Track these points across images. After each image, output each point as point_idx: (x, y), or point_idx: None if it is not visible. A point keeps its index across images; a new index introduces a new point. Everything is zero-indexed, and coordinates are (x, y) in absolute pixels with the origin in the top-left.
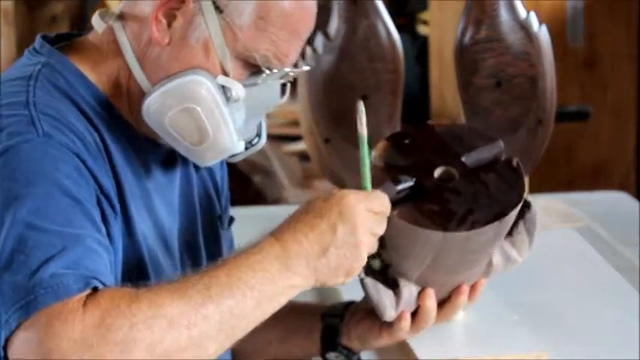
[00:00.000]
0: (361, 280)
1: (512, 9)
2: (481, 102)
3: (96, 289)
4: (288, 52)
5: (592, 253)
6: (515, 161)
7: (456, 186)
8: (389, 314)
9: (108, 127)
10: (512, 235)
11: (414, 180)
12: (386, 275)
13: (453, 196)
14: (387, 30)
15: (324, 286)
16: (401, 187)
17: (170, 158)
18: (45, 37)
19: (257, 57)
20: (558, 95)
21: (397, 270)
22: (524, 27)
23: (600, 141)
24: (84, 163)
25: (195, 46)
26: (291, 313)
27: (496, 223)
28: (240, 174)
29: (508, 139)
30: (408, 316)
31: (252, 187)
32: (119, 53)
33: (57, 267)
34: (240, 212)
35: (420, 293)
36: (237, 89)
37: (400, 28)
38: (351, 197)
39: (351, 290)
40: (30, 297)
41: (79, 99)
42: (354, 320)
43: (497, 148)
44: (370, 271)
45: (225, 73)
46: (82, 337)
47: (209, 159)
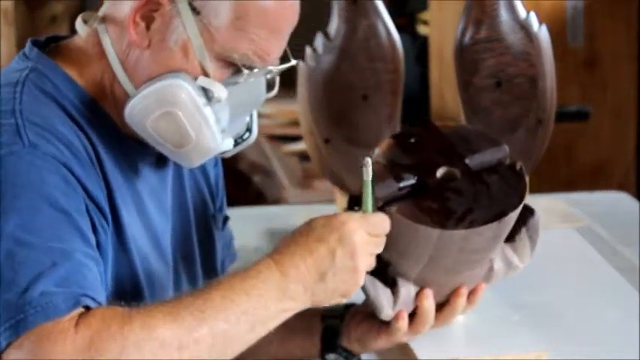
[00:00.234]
0: None
1: (512, 9)
2: (481, 102)
3: (88, 308)
4: (269, 50)
5: (592, 253)
6: (518, 165)
7: (457, 186)
8: (386, 312)
9: (96, 130)
10: (514, 240)
11: (416, 178)
12: (385, 274)
13: (453, 195)
14: (387, 30)
15: (319, 306)
16: (402, 184)
17: (161, 158)
18: (35, 42)
19: (237, 57)
20: (558, 95)
21: (396, 269)
22: (524, 27)
23: (600, 141)
24: (71, 171)
25: (174, 49)
26: None
27: (495, 224)
28: (240, 174)
29: (508, 139)
30: (405, 315)
31: (252, 187)
32: (103, 56)
33: (47, 285)
34: (240, 212)
35: (418, 294)
36: (219, 90)
37: (400, 28)
38: (351, 222)
39: None
40: (20, 316)
41: (67, 103)
42: (353, 322)
43: (502, 152)
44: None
45: (205, 74)
46: (72, 359)
47: (194, 160)
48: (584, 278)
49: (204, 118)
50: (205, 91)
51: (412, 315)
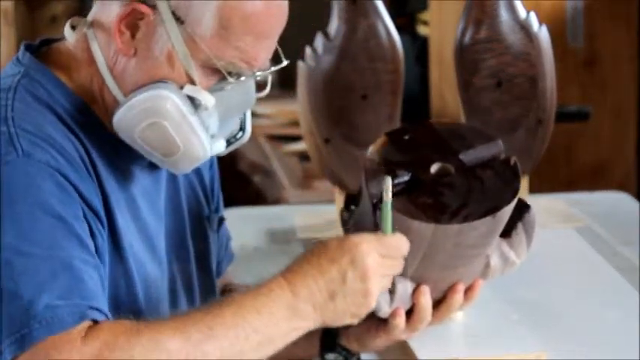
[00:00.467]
0: None
1: (512, 9)
2: (481, 102)
3: (95, 322)
4: (256, 56)
5: (592, 253)
6: (512, 160)
7: (452, 181)
8: (383, 310)
9: (89, 135)
10: (510, 236)
11: (410, 175)
12: None
13: (447, 191)
14: (387, 30)
15: (329, 326)
16: (397, 181)
17: None
18: (28, 46)
19: (223, 64)
20: (558, 95)
21: None
22: (524, 27)
23: (600, 141)
24: (66, 178)
25: (159, 58)
26: None
27: (489, 218)
28: (240, 174)
29: (508, 139)
30: (402, 312)
31: (252, 187)
32: (93, 61)
33: (50, 297)
34: (240, 212)
35: (414, 290)
36: (206, 99)
37: (400, 28)
38: (364, 244)
39: None
40: (24, 330)
41: (59, 108)
42: None
43: (496, 148)
44: None
45: (192, 82)
46: None
47: (183, 168)
48: (584, 278)
49: (191, 127)
50: (192, 99)
51: (410, 312)
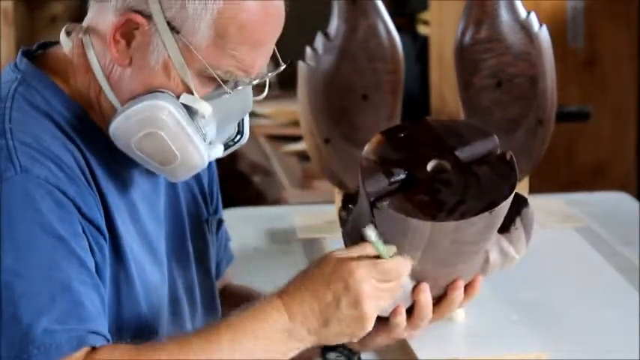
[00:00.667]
0: None
1: (512, 9)
2: (481, 102)
3: (93, 348)
4: (253, 64)
5: (592, 253)
6: (508, 154)
7: (448, 177)
8: (383, 308)
9: (87, 142)
10: (509, 231)
11: (407, 172)
12: None
13: (443, 187)
14: (387, 30)
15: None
16: (393, 179)
17: None
18: (26, 52)
19: (220, 73)
20: (558, 95)
21: None
22: (524, 27)
23: (600, 141)
24: (64, 193)
25: (155, 67)
26: None
27: (486, 214)
28: (240, 174)
29: (508, 139)
30: (402, 310)
31: (252, 187)
32: (89, 68)
33: (49, 321)
34: (240, 212)
35: (414, 288)
36: (203, 107)
37: (400, 28)
38: (359, 271)
39: None
40: (23, 356)
41: (57, 115)
42: None
43: (491, 143)
44: None
45: (188, 90)
46: None
47: (181, 176)
48: (584, 278)
49: (188, 136)
50: (189, 108)
51: (410, 310)
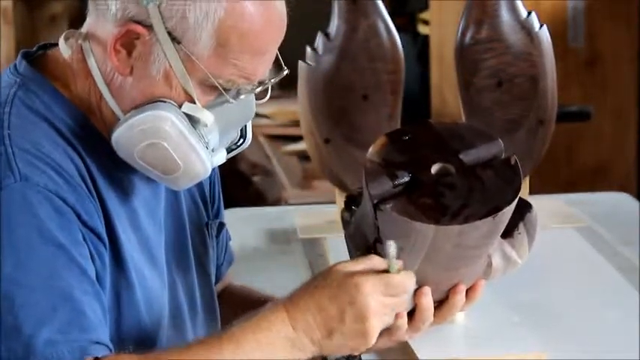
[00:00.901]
0: None
1: (512, 9)
2: (482, 102)
3: (96, 358)
4: (255, 72)
5: (592, 253)
6: (513, 159)
7: (452, 181)
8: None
9: (88, 147)
10: (512, 236)
11: (410, 175)
12: None
13: (448, 191)
14: (388, 30)
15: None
16: (397, 182)
17: None
18: (26, 54)
19: (222, 82)
20: (559, 95)
21: None
22: (524, 27)
23: (601, 141)
24: (64, 200)
25: (156, 77)
26: None
27: (490, 219)
28: (240, 174)
29: (509, 140)
30: (404, 313)
31: (252, 187)
32: (89, 75)
33: (50, 332)
34: (240, 212)
35: (416, 291)
36: (205, 116)
37: (400, 28)
38: (365, 285)
39: None
40: None
41: (57, 120)
42: None
43: (496, 147)
44: None
45: (190, 99)
46: None
47: (183, 185)
48: (585, 278)
49: (190, 146)
50: (191, 117)
51: (411, 313)
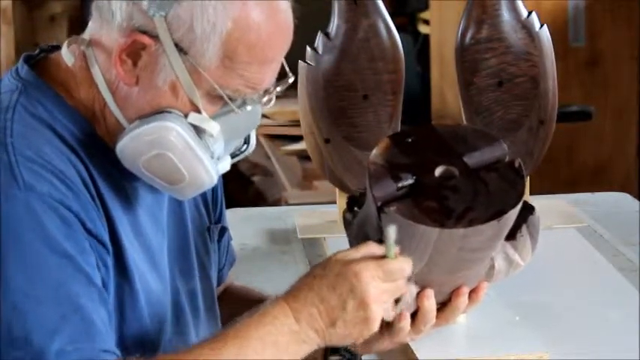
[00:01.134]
0: None
1: (513, 9)
2: (482, 102)
3: None
4: (261, 81)
5: (593, 253)
6: (517, 162)
7: (456, 184)
8: (388, 313)
9: (91, 154)
10: (515, 238)
11: (414, 178)
12: None
13: (452, 194)
14: (388, 30)
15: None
16: (401, 184)
17: None
18: (28, 58)
19: (229, 93)
20: (560, 95)
21: None
22: (525, 27)
23: (602, 141)
24: (69, 209)
25: (162, 87)
26: None
27: (494, 222)
28: (240, 174)
29: (509, 140)
30: (407, 315)
31: (252, 188)
32: (93, 82)
33: (60, 343)
34: (240, 212)
35: (419, 294)
36: (211, 127)
37: (400, 28)
38: (364, 273)
39: None
40: None
41: (60, 127)
42: None
43: (500, 150)
44: None
45: (196, 109)
46: None
47: (188, 195)
48: (586, 278)
49: (196, 156)
50: (197, 127)
51: (413, 315)
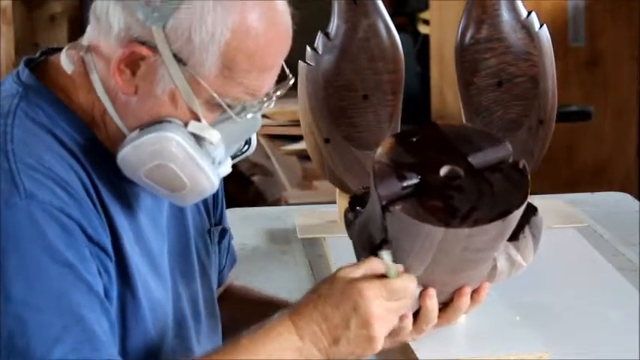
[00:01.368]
0: None
1: (513, 9)
2: (482, 102)
3: None
4: (261, 87)
5: (593, 253)
6: (521, 163)
7: (461, 184)
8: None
9: (92, 160)
10: (517, 239)
11: (419, 177)
12: None
13: (457, 194)
14: (388, 30)
15: None
16: (406, 183)
17: None
18: (29, 61)
19: (228, 101)
20: (559, 95)
21: None
22: (525, 27)
23: (602, 141)
24: (70, 217)
25: (161, 97)
26: None
27: (499, 222)
28: (240, 174)
29: (509, 140)
30: (409, 315)
31: (252, 187)
32: (92, 88)
33: (62, 354)
34: (240, 212)
35: (421, 293)
36: (211, 134)
37: (400, 28)
38: (368, 292)
39: None
40: None
41: (61, 132)
42: None
43: (504, 151)
44: None
45: (196, 117)
46: None
47: (190, 201)
48: (586, 278)
49: (197, 165)
50: (197, 135)
51: (415, 314)
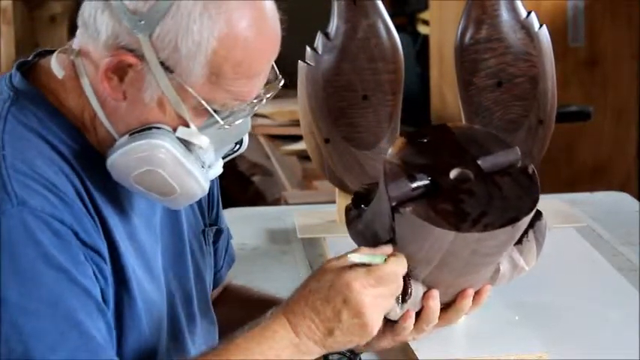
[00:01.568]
0: None
1: (512, 9)
2: (482, 102)
3: None
4: (249, 93)
5: (593, 253)
6: (530, 168)
7: (471, 187)
8: (394, 312)
9: (84, 164)
10: (521, 243)
11: (430, 179)
12: None
13: (467, 197)
14: (388, 30)
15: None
16: (416, 184)
17: None
18: (21, 64)
19: (216, 107)
20: (559, 95)
21: (407, 269)
22: (524, 27)
23: (601, 141)
24: (63, 222)
25: (149, 104)
26: None
27: (509, 228)
28: (240, 174)
29: (508, 140)
30: (412, 315)
31: (251, 187)
32: (83, 92)
33: (60, 357)
34: (240, 212)
35: (424, 294)
36: (200, 139)
37: (400, 28)
38: (355, 283)
39: None
40: None
41: (52, 137)
42: None
43: (513, 155)
44: None
45: (184, 123)
46: None
47: (181, 204)
48: (585, 278)
49: (186, 170)
50: (186, 141)
51: (417, 314)
